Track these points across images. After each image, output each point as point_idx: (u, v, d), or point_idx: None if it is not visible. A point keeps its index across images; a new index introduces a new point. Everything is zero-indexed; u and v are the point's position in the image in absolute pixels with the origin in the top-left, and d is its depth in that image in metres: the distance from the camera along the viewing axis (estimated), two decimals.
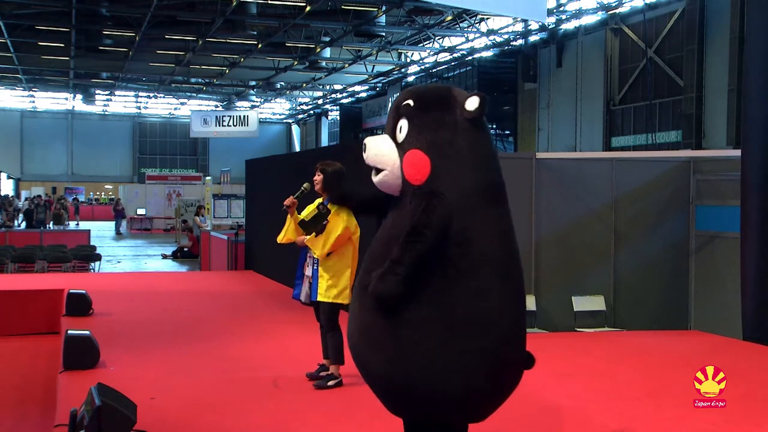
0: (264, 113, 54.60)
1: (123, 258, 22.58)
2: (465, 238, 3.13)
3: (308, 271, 5.67)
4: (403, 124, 3.26)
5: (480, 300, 3.12)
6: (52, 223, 27.69)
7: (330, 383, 5.50)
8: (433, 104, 3.28)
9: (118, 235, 33.68)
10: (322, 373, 5.65)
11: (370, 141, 3.32)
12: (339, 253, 5.49)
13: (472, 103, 3.23)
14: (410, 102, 3.29)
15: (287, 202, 5.60)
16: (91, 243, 19.41)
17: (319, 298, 5.53)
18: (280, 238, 5.74)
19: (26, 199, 41.64)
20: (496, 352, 3.15)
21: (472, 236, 3.15)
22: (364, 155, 3.33)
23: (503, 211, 3.31)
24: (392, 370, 3.16)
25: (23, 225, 29.72)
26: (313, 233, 5.46)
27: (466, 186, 3.18)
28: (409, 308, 3.11)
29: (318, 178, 5.63)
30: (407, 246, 3.08)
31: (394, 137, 3.30)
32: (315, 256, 5.53)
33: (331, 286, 5.47)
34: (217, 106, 48.87)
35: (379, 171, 3.30)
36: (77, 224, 34.90)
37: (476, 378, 3.13)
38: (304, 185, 5.68)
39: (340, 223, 5.41)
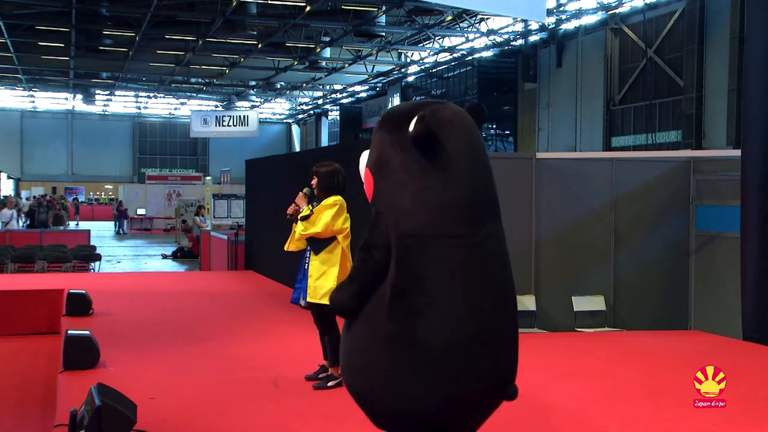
0: (264, 113, 54.59)
1: (123, 258, 22.58)
2: (403, 260, 3.13)
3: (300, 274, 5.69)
4: (373, 139, 3.40)
5: (406, 318, 3.10)
6: (52, 223, 27.48)
7: (330, 384, 5.49)
8: (390, 123, 3.31)
9: (120, 235, 33.69)
10: (321, 375, 5.64)
11: (363, 155, 3.46)
12: (327, 252, 5.49)
13: (412, 123, 3.15)
14: (380, 118, 3.40)
15: (290, 210, 5.63)
16: (91, 243, 19.41)
17: (308, 299, 5.54)
18: (287, 246, 5.76)
19: (29, 198, 41.63)
20: (422, 373, 3.09)
21: (410, 259, 3.12)
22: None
23: (457, 233, 3.15)
24: (349, 380, 3.36)
25: (22, 225, 29.68)
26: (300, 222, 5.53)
27: (404, 207, 3.15)
28: (353, 323, 3.28)
29: (313, 181, 5.64)
30: (358, 263, 3.25)
31: None
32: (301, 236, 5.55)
33: (318, 287, 5.46)
34: (217, 106, 48.87)
35: None
36: (77, 224, 34.89)
37: (426, 398, 3.12)
38: (304, 190, 5.69)
39: (324, 216, 5.42)
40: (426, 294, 3.10)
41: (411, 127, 3.14)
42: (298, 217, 5.57)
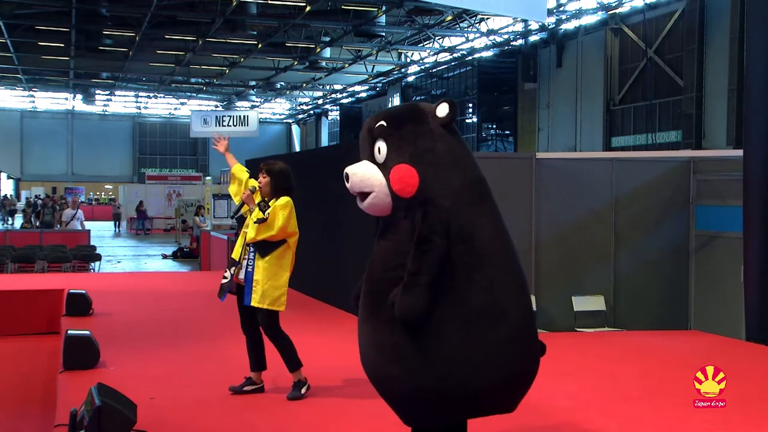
0: (264, 113, 54.60)
1: (123, 258, 22.58)
2: (465, 235, 3.22)
3: (240, 274, 5.28)
4: (381, 145, 3.34)
5: (490, 291, 3.20)
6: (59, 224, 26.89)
7: (303, 391, 5.28)
8: (405, 119, 3.39)
9: (142, 234, 33.79)
10: (247, 387, 5.37)
11: (351, 169, 3.36)
12: (277, 255, 5.23)
13: (442, 110, 3.36)
14: (383, 123, 3.38)
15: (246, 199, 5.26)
16: (91, 243, 19.40)
17: (255, 304, 5.20)
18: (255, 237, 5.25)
19: (37, 198, 41.59)
20: (514, 341, 3.23)
21: (471, 232, 3.24)
22: (348, 185, 3.36)
23: (491, 204, 3.43)
24: (419, 378, 3.19)
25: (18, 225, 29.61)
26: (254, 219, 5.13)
27: (454, 187, 3.29)
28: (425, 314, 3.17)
29: (264, 180, 5.28)
30: (421, 256, 3.15)
31: (373, 160, 3.37)
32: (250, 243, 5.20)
33: (267, 292, 5.19)
34: (217, 106, 48.87)
35: (365, 196, 3.33)
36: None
37: (500, 368, 3.20)
38: (251, 188, 5.30)
39: (279, 219, 5.12)
40: (496, 266, 3.25)
41: (442, 113, 3.35)
42: (252, 220, 5.15)
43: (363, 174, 3.33)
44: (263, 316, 5.29)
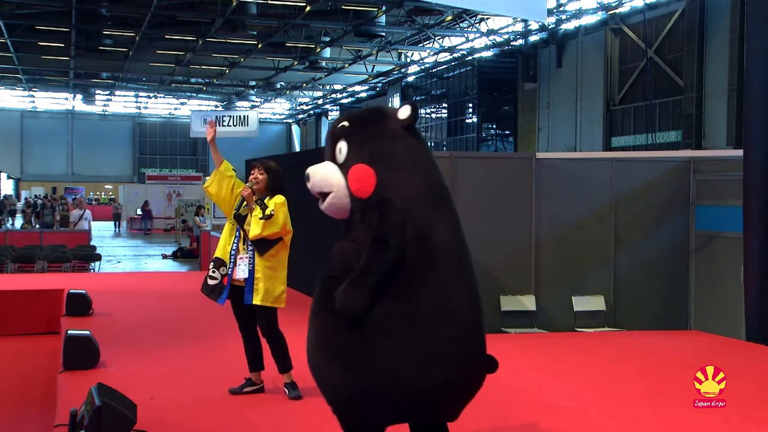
0: (264, 113, 54.60)
1: (123, 258, 22.58)
2: (420, 237, 3.22)
3: (239, 274, 5.24)
4: (342, 146, 3.35)
5: (440, 294, 3.20)
6: (60, 224, 26.68)
7: (297, 392, 5.24)
8: (366, 121, 3.43)
9: (147, 234, 33.79)
10: (247, 388, 5.37)
11: (312, 169, 3.38)
12: (274, 253, 5.23)
13: (404, 112, 3.40)
14: (345, 123, 3.41)
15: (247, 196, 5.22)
16: (91, 243, 19.40)
17: (258, 302, 5.19)
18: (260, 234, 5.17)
19: (37, 198, 41.56)
20: (460, 346, 3.23)
21: (427, 234, 3.24)
22: (309, 185, 3.37)
23: (450, 208, 3.41)
24: (358, 376, 3.18)
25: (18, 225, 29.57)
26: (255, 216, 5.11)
27: (412, 189, 3.28)
28: (370, 311, 3.17)
29: (262, 177, 5.27)
30: (373, 255, 3.16)
31: (334, 161, 3.38)
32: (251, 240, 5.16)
33: (270, 290, 5.19)
34: (217, 106, 48.88)
35: (325, 196, 3.34)
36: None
37: (442, 372, 3.18)
38: (248, 185, 5.27)
39: (281, 216, 5.14)
40: (449, 270, 3.24)
41: (404, 115, 3.37)
42: (258, 216, 5.12)
43: (323, 174, 3.34)
44: (265, 314, 5.27)
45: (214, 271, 5.40)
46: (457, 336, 3.22)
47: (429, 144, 36.97)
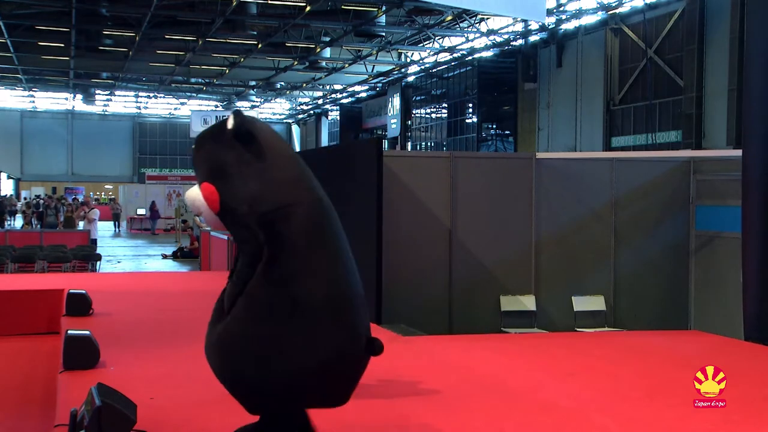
0: (264, 113, 54.61)
1: (123, 258, 22.58)
2: (272, 231, 3.34)
3: None
4: (194, 167, 3.56)
5: (291, 284, 3.34)
6: (63, 225, 26.33)
7: None
8: (206, 139, 3.56)
9: (153, 234, 33.80)
10: None
11: (187, 192, 3.61)
12: None
13: (229, 122, 3.47)
14: (193, 146, 3.59)
15: None
16: (94, 242, 19.40)
17: None
18: None
19: (37, 198, 41.52)
20: (328, 329, 3.36)
21: (275, 229, 3.36)
22: (189, 208, 3.71)
23: (301, 202, 3.47)
24: (236, 368, 3.48)
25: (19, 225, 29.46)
26: None
27: (251, 192, 3.39)
28: (226, 300, 3.50)
29: None
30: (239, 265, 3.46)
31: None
32: None
33: None
34: (217, 106, 48.88)
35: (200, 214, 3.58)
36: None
37: (311, 357, 3.35)
38: None
39: None
40: (297, 258, 3.36)
41: (229, 125, 3.46)
42: None
43: (191, 197, 3.55)
44: None
45: None
46: (322, 321, 3.35)
47: (427, 144, 37.01)
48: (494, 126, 33.15)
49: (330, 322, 3.39)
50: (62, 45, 30.79)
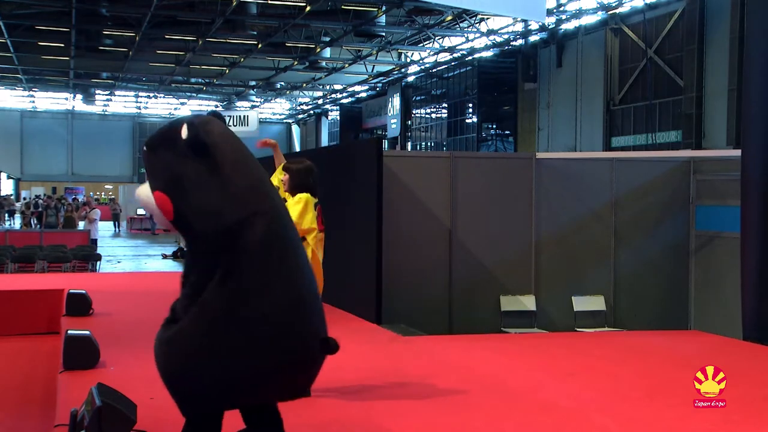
0: (264, 113, 54.60)
1: (123, 258, 22.59)
2: (228, 242, 3.30)
3: None
4: (146, 169, 3.47)
5: (241, 296, 3.31)
6: (63, 226, 25.80)
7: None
8: (158, 144, 3.44)
9: (154, 234, 33.80)
10: None
11: (138, 191, 3.53)
12: None
13: (183, 132, 3.35)
14: (145, 148, 3.47)
15: None
16: (95, 241, 19.40)
17: None
18: None
19: (37, 198, 41.50)
20: (275, 336, 3.35)
21: (231, 242, 3.30)
22: (141, 206, 3.59)
23: (260, 212, 3.40)
24: (169, 367, 3.46)
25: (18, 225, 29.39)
26: None
27: (211, 206, 3.32)
28: (179, 306, 3.50)
29: (285, 178, 5.35)
30: (195, 277, 3.43)
31: None
32: None
33: None
34: (217, 106, 48.85)
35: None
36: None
37: (258, 359, 3.34)
38: None
39: (291, 212, 5.05)
40: (255, 268, 3.32)
41: (184, 134, 3.33)
42: None
43: (143, 198, 3.47)
44: None
45: None
46: (279, 329, 3.34)
47: (427, 144, 37.02)
48: (494, 126, 33.14)
49: (287, 331, 3.38)
50: (62, 45, 30.78)
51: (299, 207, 5.18)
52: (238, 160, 3.44)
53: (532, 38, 28.76)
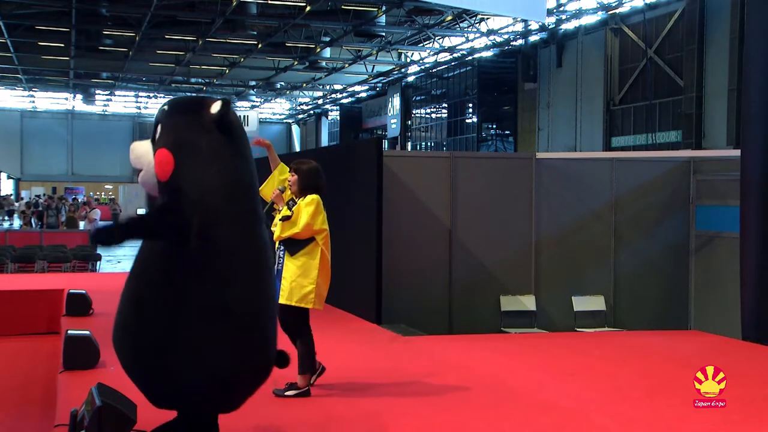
0: (264, 113, 54.59)
1: (123, 258, 22.59)
2: (205, 232, 3.32)
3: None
4: (159, 128, 3.53)
5: (218, 290, 3.32)
6: (66, 226, 25.36)
7: (288, 393, 5.20)
8: (182, 109, 3.56)
9: None
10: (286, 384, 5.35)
11: (133, 145, 3.66)
12: (305, 254, 5.25)
13: (214, 107, 3.46)
14: (165, 108, 3.58)
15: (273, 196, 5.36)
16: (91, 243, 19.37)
17: (282, 301, 5.14)
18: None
19: (37, 198, 41.47)
20: (231, 340, 3.36)
21: (213, 230, 3.34)
22: (130, 158, 3.67)
23: (246, 210, 3.48)
24: (135, 351, 3.49)
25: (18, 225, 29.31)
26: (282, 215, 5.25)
27: (207, 183, 3.37)
28: (148, 292, 3.41)
29: (292, 179, 5.37)
30: (148, 218, 3.51)
31: (154, 141, 3.58)
32: (278, 245, 5.31)
33: (295, 289, 5.21)
34: None
35: (139, 172, 3.59)
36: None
37: (207, 365, 3.34)
38: (280, 188, 5.42)
39: (303, 216, 5.18)
40: (231, 265, 3.36)
41: (215, 110, 3.44)
42: (278, 218, 5.25)
43: (138, 152, 3.60)
44: (288, 313, 5.25)
45: None
46: (227, 331, 3.34)
47: (427, 144, 37.03)
48: (494, 126, 33.14)
49: (251, 334, 3.42)
50: (62, 45, 30.77)
51: (311, 208, 5.21)
52: (246, 156, 3.58)
53: (532, 38, 28.76)
